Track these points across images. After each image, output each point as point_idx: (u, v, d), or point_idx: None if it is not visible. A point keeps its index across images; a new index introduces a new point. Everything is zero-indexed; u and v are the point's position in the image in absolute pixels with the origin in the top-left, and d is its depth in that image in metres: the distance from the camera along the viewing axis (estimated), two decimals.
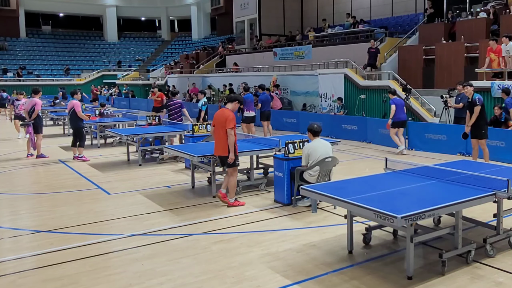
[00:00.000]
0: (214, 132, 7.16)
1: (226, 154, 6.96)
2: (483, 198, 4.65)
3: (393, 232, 5.69)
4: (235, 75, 24.62)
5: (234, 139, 6.95)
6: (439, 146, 11.85)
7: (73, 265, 4.97)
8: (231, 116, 6.97)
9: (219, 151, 7.08)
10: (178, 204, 7.33)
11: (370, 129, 14.01)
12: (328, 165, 6.81)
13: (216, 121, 7.10)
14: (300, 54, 22.50)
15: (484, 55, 14.01)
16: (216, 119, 7.09)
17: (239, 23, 31.40)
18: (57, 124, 20.61)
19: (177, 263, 4.99)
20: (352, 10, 26.43)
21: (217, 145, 7.10)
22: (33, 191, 8.30)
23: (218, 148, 7.10)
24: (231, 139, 6.89)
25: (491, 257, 4.95)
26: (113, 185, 8.72)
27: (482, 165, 6.90)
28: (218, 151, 7.10)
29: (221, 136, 6.97)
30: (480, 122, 9.07)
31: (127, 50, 49.64)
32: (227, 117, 6.92)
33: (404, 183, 5.29)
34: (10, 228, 6.31)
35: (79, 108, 11.36)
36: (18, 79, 39.27)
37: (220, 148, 7.04)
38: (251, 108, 13.95)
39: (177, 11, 50.53)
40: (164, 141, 11.78)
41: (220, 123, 6.96)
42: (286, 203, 7.14)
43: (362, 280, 4.49)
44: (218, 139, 7.07)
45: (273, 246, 5.43)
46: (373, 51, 17.80)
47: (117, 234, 5.99)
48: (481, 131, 9.15)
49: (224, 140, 6.93)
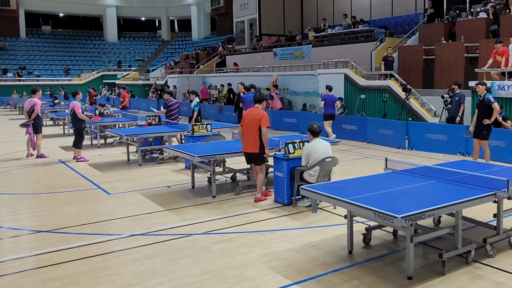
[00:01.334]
0: (244, 130, 7.30)
1: (257, 151, 7.19)
2: (483, 198, 4.64)
3: (393, 232, 5.69)
4: (235, 75, 24.62)
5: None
6: (439, 146, 11.85)
7: (73, 265, 4.97)
8: (266, 115, 7.22)
9: (250, 148, 7.26)
10: (178, 204, 7.34)
11: (370, 129, 14.00)
12: (328, 165, 6.81)
13: (247, 120, 7.26)
14: (300, 54, 22.51)
15: (484, 55, 14.01)
16: (248, 118, 7.26)
17: (239, 23, 31.41)
18: (57, 124, 20.61)
19: (177, 263, 4.99)
20: (352, 10, 26.45)
21: (248, 143, 7.27)
22: (33, 191, 8.30)
23: (248, 145, 7.27)
24: (266, 137, 7.17)
25: (491, 257, 4.95)
26: (113, 185, 8.72)
27: (482, 165, 6.90)
28: (249, 148, 7.28)
29: (253, 134, 7.16)
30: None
31: (127, 50, 49.64)
32: (263, 115, 7.16)
33: (404, 183, 5.29)
34: (10, 228, 6.31)
35: (79, 109, 11.35)
36: (18, 79, 39.28)
37: (251, 145, 7.23)
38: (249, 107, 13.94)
39: (177, 11, 50.54)
40: (164, 141, 11.78)
41: (254, 121, 7.14)
42: (286, 203, 7.14)
43: (362, 280, 4.49)
44: (248, 137, 7.23)
45: (273, 246, 5.43)
46: (390, 60, 16.65)
47: (117, 234, 5.99)
48: (483, 132, 9.16)
49: (256, 137, 7.15)
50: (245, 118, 7.35)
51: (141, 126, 12.69)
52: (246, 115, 7.36)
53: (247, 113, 7.39)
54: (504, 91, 12.00)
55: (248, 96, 14.35)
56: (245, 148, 7.36)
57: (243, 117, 7.42)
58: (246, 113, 7.44)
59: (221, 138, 10.12)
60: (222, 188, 8.43)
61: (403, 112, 14.77)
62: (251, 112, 7.34)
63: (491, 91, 12.30)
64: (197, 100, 12.79)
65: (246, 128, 7.26)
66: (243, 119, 7.40)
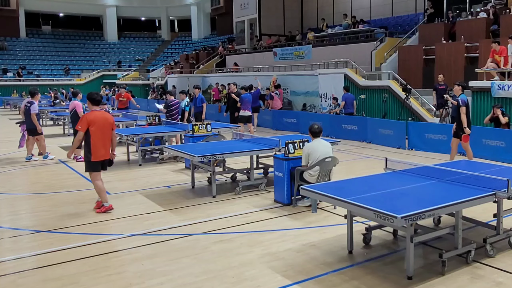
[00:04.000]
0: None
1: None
2: (483, 198, 4.64)
3: (393, 232, 5.69)
4: (235, 75, 24.61)
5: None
6: (439, 146, 11.84)
7: (73, 265, 4.97)
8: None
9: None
10: (178, 204, 7.33)
11: (370, 129, 14.00)
12: (328, 165, 6.80)
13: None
14: (300, 54, 22.51)
15: (484, 55, 14.01)
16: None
17: (239, 23, 31.40)
18: (57, 124, 20.61)
19: (177, 263, 4.99)
20: (352, 10, 26.45)
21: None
22: (33, 191, 8.30)
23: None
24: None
25: (491, 257, 4.95)
26: (113, 185, 8.72)
27: (482, 165, 6.89)
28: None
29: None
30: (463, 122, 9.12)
31: (127, 50, 49.62)
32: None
33: (404, 183, 5.29)
34: (10, 228, 6.31)
35: (81, 109, 11.33)
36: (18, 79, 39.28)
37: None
38: (247, 107, 13.95)
39: (177, 11, 50.52)
40: (164, 141, 11.78)
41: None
42: (286, 203, 7.14)
43: (362, 280, 4.49)
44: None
45: (273, 246, 5.43)
46: (442, 88, 13.98)
47: (117, 234, 5.99)
48: (463, 132, 9.20)
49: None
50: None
51: (141, 126, 12.69)
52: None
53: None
54: (504, 91, 12.00)
55: (247, 95, 14.35)
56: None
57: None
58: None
59: (221, 138, 10.12)
60: (222, 188, 8.42)
61: (403, 112, 14.77)
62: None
63: (491, 91, 12.32)
64: (187, 100, 12.71)
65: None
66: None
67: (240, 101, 14.23)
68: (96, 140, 6.68)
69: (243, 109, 13.91)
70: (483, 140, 10.86)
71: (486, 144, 10.78)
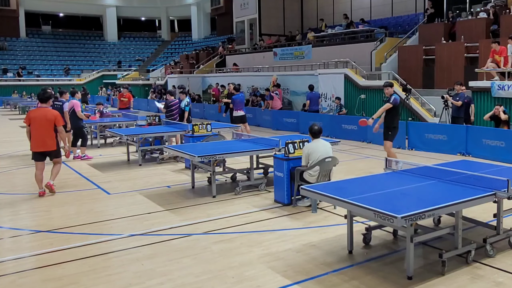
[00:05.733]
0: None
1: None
2: (483, 198, 4.64)
3: (393, 232, 5.69)
4: (235, 75, 24.62)
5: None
6: (439, 146, 11.84)
7: (73, 265, 4.97)
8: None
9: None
10: (178, 204, 7.33)
11: (370, 129, 13.95)
12: (328, 165, 6.80)
13: None
14: (300, 54, 22.50)
15: (484, 55, 14.01)
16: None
17: (239, 23, 31.39)
18: None
19: (177, 263, 4.98)
20: (352, 10, 26.45)
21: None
22: (33, 191, 8.29)
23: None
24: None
25: (491, 257, 4.95)
26: (113, 185, 8.72)
27: (482, 165, 6.89)
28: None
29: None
30: (388, 123, 9.15)
31: (127, 50, 49.64)
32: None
33: (404, 183, 5.29)
34: (10, 228, 6.31)
35: (79, 108, 11.34)
36: (18, 79, 39.29)
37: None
38: (240, 107, 13.94)
39: (177, 11, 50.54)
40: (164, 141, 11.78)
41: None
42: (286, 203, 7.14)
43: (362, 280, 4.49)
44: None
45: (273, 246, 5.43)
46: (465, 102, 12.22)
47: (117, 234, 5.98)
48: (388, 132, 9.22)
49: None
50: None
51: (141, 126, 12.69)
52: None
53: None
54: (504, 91, 12.01)
55: (238, 96, 14.26)
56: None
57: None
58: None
59: (221, 138, 10.12)
60: (222, 188, 8.42)
61: (403, 112, 14.76)
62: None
63: (491, 91, 12.31)
64: (187, 100, 12.66)
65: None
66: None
67: (232, 102, 14.17)
68: (34, 133, 7.82)
69: (236, 109, 13.89)
70: (483, 140, 10.87)
71: (486, 144, 10.78)
